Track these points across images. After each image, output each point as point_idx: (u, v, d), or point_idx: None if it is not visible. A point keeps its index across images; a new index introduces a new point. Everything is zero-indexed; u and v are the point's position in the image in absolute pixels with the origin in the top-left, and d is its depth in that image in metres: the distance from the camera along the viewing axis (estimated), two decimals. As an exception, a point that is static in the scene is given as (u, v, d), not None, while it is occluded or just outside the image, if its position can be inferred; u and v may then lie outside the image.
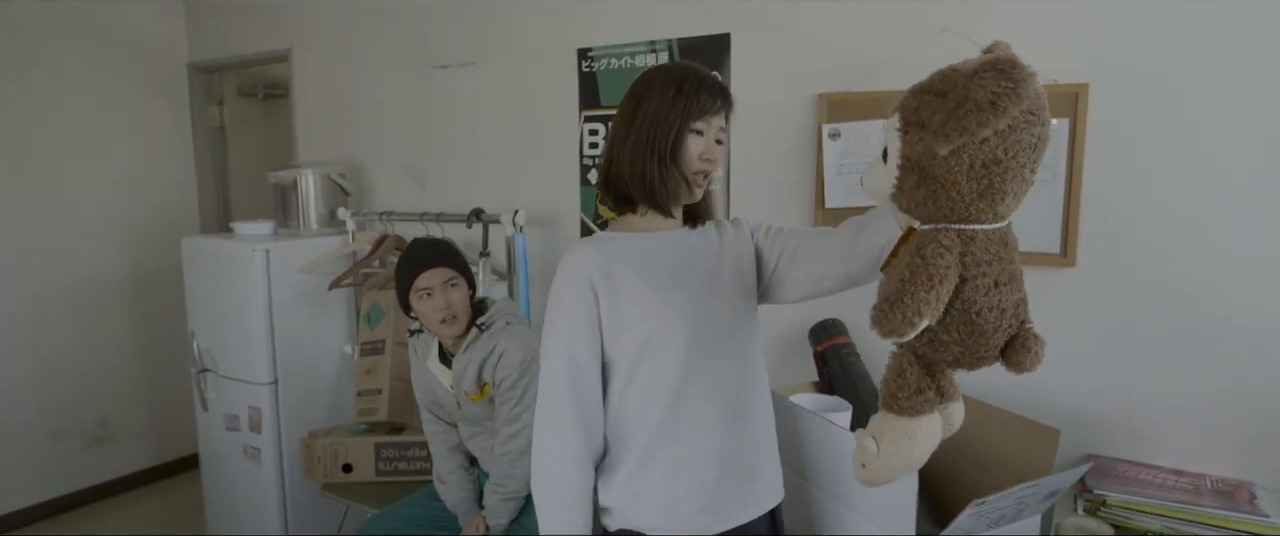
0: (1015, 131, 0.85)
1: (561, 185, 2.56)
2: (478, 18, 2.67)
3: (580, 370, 1.25)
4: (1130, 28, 1.69)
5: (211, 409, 2.74)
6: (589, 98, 2.47)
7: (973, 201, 0.88)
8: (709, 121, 1.23)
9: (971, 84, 0.82)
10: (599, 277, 1.24)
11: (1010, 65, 0.82)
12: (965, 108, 0.82)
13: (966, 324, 0.90)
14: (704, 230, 1.35)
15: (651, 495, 1.27)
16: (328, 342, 2.79)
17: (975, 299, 0.89)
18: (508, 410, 1.95)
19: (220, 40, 3.53)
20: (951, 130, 0.83)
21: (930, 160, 0.87)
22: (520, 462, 1.97)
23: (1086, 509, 1.59)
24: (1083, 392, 1.79)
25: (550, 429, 1.27)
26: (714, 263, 1.30)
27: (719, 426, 1.28)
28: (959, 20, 1.84)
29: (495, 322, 2.01)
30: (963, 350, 0.93)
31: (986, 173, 0.86)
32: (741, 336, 1.30)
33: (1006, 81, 0.81)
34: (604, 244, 1.28)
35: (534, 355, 1.93)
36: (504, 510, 2.00)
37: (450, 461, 2.15)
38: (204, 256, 2.70)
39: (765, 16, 2.12)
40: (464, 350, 1.99)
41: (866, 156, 1.98)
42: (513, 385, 1.94)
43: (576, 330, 1.25)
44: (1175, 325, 1.70)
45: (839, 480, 1.46)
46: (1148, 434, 1.74)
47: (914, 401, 0.97)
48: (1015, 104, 0.81)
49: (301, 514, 2.68)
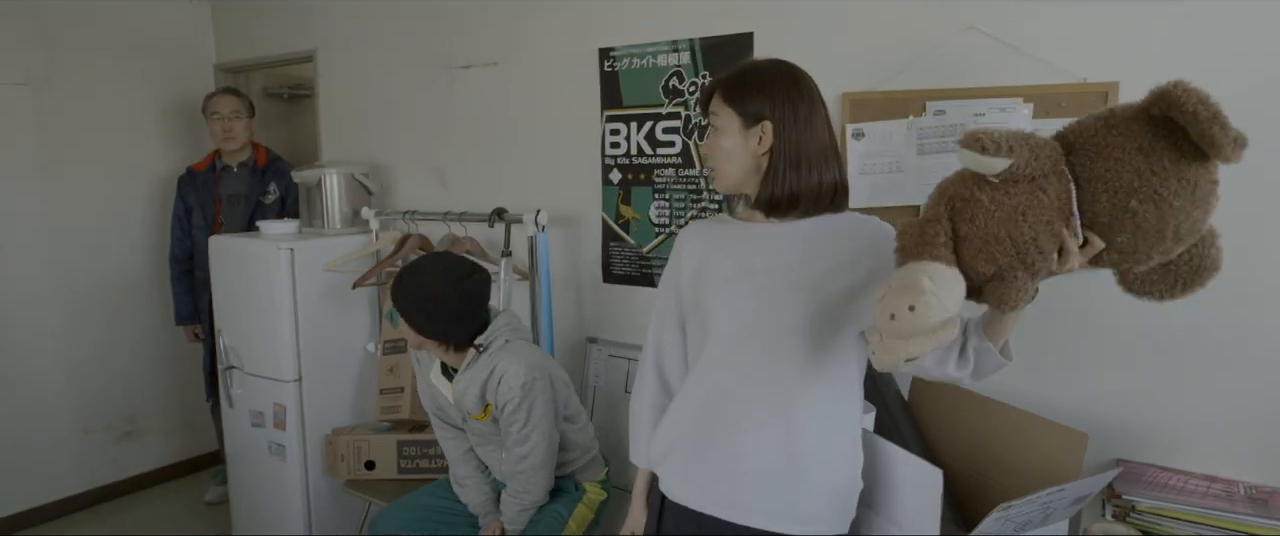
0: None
1: (584, 185, 2.56)
2: (500, 19, 2.68)
3: (662, 322, 1.46)
4: (1161, 25, 1.66)
5: (237, 405, 2.78)
6: (611, 97, 2.47)
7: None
8: (708, 121, 1.33)
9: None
10: (690, 251, 1.40)
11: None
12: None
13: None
14: (808, 227, 1.30)
15: (672, 462, 1.39)
16: (351, 341, 2.82)
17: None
18: (516, 431, 1.92)
19: (247, 42, 3.57)
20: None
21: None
22: (537, 476, 1.96)
23: (1115, 514, 1.56)
24: (1111, 396, 1.76)
25: (639, 373, 1.52)
26: (792, 264, 1.28)
27: (739, 424, 1.30)
28: (986, 18, 1.81)
29: (494, 342, 1.96)
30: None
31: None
32: (800, 345, 1.26)
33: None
34: (709, 225, 1.42)
35: (535, 376, 1.91)
36: (521, 519, 2.00)
37: (465, 465, 2.15)
38: (230, 255, 2.74)
39: (788, 15, 2.11)
40: (464, 370, 1.96)
41: (891, 156, 1.96)
42: (516, 409, 1.90)
43: (665, 292, 1.46)
44: (1207, 328, 1.67)
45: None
46: (1178, 438, 1.71)
47: (946, 251, 0.98)
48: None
49: (324, 510, 2.70)
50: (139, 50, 3.42)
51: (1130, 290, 1.06)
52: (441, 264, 1.98)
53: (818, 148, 1.27)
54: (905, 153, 1.94)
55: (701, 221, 1.45)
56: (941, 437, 1.77)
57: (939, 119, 1.89)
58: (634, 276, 2.51)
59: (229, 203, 3.21)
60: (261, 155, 3.27)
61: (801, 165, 1.26)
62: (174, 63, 3.55)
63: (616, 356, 2.54)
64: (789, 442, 1.27)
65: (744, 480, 1.30)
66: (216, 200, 3.22)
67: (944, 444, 1.75)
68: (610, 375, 2.55)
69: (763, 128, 1.27)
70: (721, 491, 1.32)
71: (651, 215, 2.44)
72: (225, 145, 3.20)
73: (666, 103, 2.35)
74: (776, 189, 1.27)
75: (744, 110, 1.28)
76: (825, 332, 1.26)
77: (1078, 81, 1.73)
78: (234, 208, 3.20)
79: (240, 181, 3.22)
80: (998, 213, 0.95)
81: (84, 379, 3.31)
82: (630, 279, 2.52)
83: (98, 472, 3.38)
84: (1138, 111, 0.94)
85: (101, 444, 3.38)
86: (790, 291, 1.27)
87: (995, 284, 0.99)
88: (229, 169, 3.24)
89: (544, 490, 2.00)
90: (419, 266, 1.98)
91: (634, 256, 2.50)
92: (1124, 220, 0.93)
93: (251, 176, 3.22)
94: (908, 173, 1.94)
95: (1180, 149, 0.90)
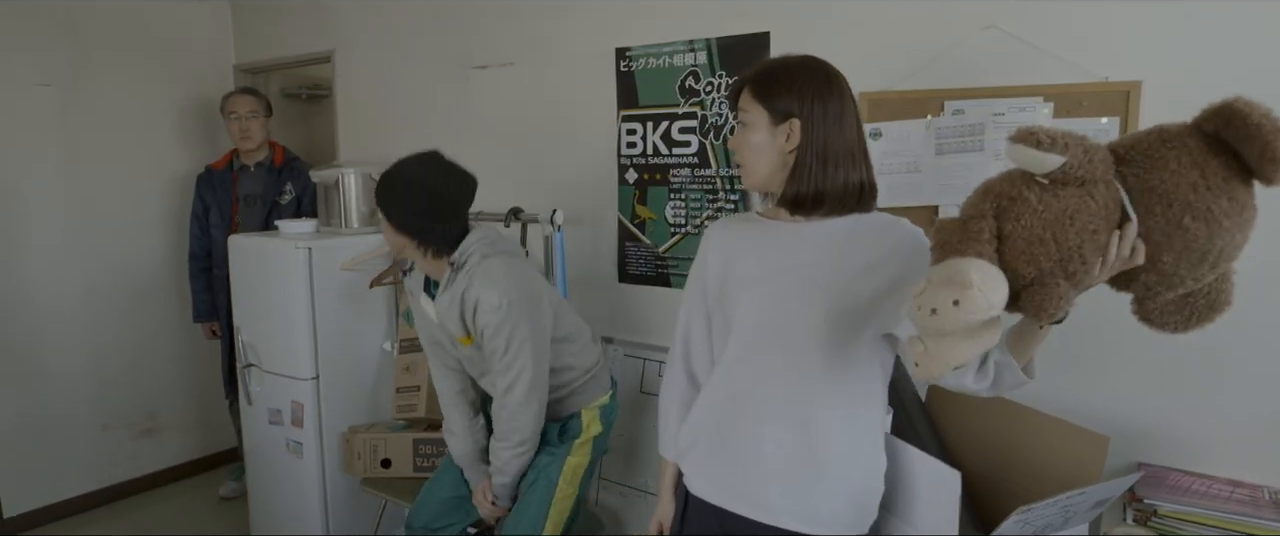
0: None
1: (600, 184, 2.56)
2: (516, 19, 2.69)
3: (690, 317, 1.48)
4: (1184, 24, 1.63)
5: (255, 403, 2.80)
6: (627, 97, 2.47)
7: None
8: (736, 117, 1.33)
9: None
10: (716, 247, 1.41)
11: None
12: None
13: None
14: (836, 227, 1.29)
15: (695, 457, 1.42)
16: (368, 339, 2.83)
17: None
18: (499, 360, 1.83)
19: (266, 42, 3.60)
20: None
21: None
22: (522, 412, 1.85)
23: (1136, 519, 1.55)
24: (1133, 399, 1.74)
25: (667, 367, 1.54)
26: (818, 263, 1.27)
27: (760, 422, 1.30)
28: (1005, 17, 1.80)
29: (470, 258, 1.84)
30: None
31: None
32: (822, 345, 1.26)
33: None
34: (735, 222, 1.43)
35: (510, 298, 1.79)
36: (512, 465, 1.90)
37: (456, 409, 2.07)
38: (249, 253, 2.76)
39: (805, 15, 2.10)
40: (443, 289, 1.86)
41: (908, 156, 1.95)
42: (495, 333, 1.79)
43: (692, 287, 1.47)
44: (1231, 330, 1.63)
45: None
46: (1202, 442, 1.69)
47: (989, 248, 0.95)
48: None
49: (341, 508, 2.72)
50: (160, 51, 3.46)
51: (1145, 320, 1.04)
52: (427, 155, 1.91)
53: (845, 147, 1.25)
54: (923, 152, 1.93)
55: (728, 218, 1.46)
56: (960, 439, 1.75)
57: (958, 119, 1.87)
58: (650, 276, 2.50)
59: (246, 202, 3.24)
60: (278, 155, 3.29)
61: (829, 163, 1.24)
62: (194, 63, 3.59)
63: (632, 356, 2.54)
64: (809, 442, 1.27)
65: (764, 478, 1.30)
66: (234, 200, 3.25)
67: (962, 446, 1.74)
68: (626, 375, 2.55)
69: (790, 125, 1.25)
70: (742, 488, 1.33)
71: (667, 215, 2.44)
72: (242, 145, 3.22)
73: (682, 102, 2.35)
74: (802, 187, 1.25)
75: (773, 107, 1.26)
76: (848, 334, 1.24)
77: (1099, 80, 1.72)
78: (250, 207, 3.23)
79: (257, 181, 3.25)
80: (1045, 214, 0.93)
81: (106, 376, 3.36)
82: (646, 279, 2.51)
83: (117, 469, 3.42)
84: (1191, 128, 0.93)
85: (120, 440, 3.42)
86: (813, 292, 1.26)
87: (1035, 289, 0.96)
88: (246, 168, 3.27)
89: (532, 428, 1.89)
90: (405, 158, 1.91)
91: (650, 256, 2.49)
92: (1175, 237, 0.92)
93: (268, 176, 3.24)
94: (925, 173, 1.93)
95: (1230, 167, 0.89)
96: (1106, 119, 1.72)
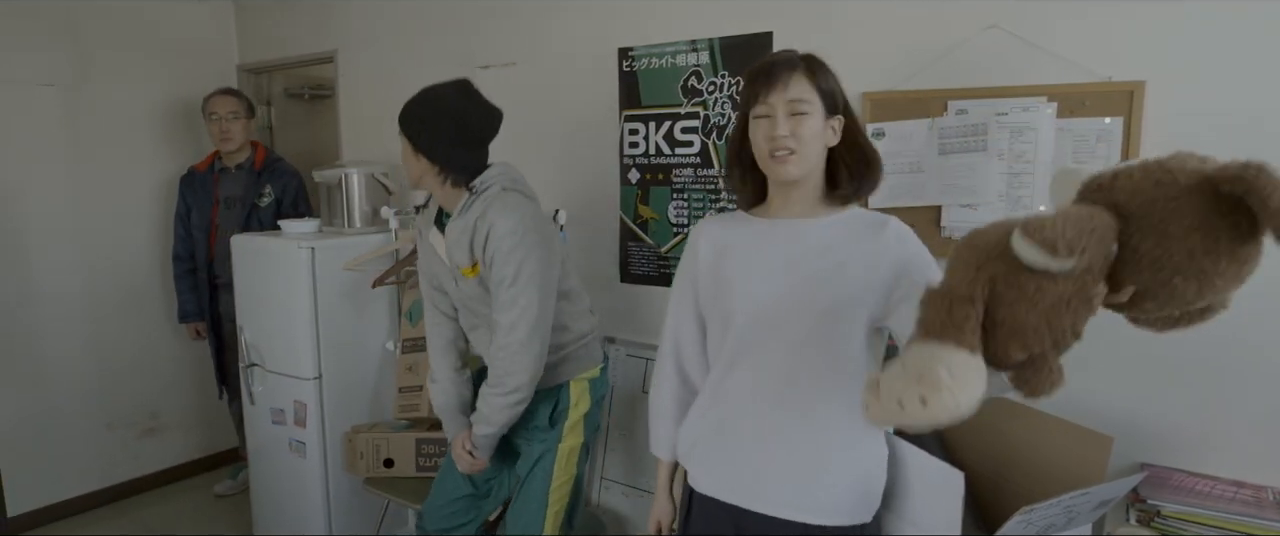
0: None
1: (602, 184, 2.56)
2: (519, 19, 2.69)
3: (679, 314, 1.47)
4: (1187, 24, 1.63)
5: (258, 403, 2.80)
6: (630, 97, 2.47)
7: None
8: (768, 102, 1.28)
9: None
10: (708, 240, 1.41)
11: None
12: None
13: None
14: (830, 224, 1.32)
15: (699, 454, 1.43)
16: (370, 339, 2.84)
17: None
18: (505, 291, 1.75)
19: (268, 42, 3.61)
20: None
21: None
22: (522, 355, 1.75)
23: (1139, 519, 1.54)
24: (1137, 399, 1.74)
25: (657, 365, 1.55)
26: (816, 260, 1.29)
27: (761, 417, 1.32)
28: (1008, 16, 1.80)
29: (490, 187, 1.80)
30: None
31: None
32: (822, 340, 1.28)
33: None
34: (725, 220, 1.44)
35: (526, 226, 1.75)
36: (500, 416, 1.81)
37: (445, 358, 2.02)
38: (252, 253, 2.76)
39: (808, 15, 2.10)
40: (457, 216, 1.82)
41: (911, 156, 1.95)
42: (505, 259, 1.72)
43: (681, 282, 1.47)
44: (1235, 330, 1.63)
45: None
46: (1205, 442, 1.68)
47: (973, 338, 0.87)
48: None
49: (344, 507, 2.72)
50: (162, 51, 3.46)
51: (1133, 323, 0.98)
52: (458, 82, 1.90)
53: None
54: (926, 153, 1.92)
55: (716, 216, 1.48)
56: (962, 439, 1.75)
57: (961, 119, 1.87)
58: (652, 276, 2.50)
59: (225, 205, 3.21)
60: (259, 157, 3.25)
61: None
62: (197, 63, 3.59)
63: (634, 356, 2.54)
64: (811, 435, 1.30)
65: (768, 471, 1.33)
66: (214, 201, 3.22)
67: (965, 445, 1.74)
68: (628, 374, 2.55)
69: (836, 121, 1.31)
70: (746, 482, 1.35)
71: (670, 215, 2.44)
72: (222, 146, 3.20)
73: (685, 102, 2.35)
74: (853, 182, 1.33)
75: (828, 99, 1.30)
76: (845, 328, 1.27)
77: (1102, 80, 1.71)
78: (230, 210, 3.19)
79: (237, 183, 3.21)
80: (1042, 303, 0.86)
81: (109, 375, 3.36)
82: (648, 278, 2.52)
83: (119, 468, 3.42)
84: (1200, 182, 0.82)
85: (123, 440, 3.43)
86: (810, 287, 1.28)
87: (1026, 372, 0.92)
88: (227, 170, 3.24)
89: (530, 375, 1.79)
90: (433, 84, 1.91)
91: (652, 256, 2.49)
92: (1160, 292, 0.86)
93: (247, 178, 3.20)
94: (928, 173, 1.93)
95: (1238, 227, 0.80)
96: (1109, 119, 1.72)
